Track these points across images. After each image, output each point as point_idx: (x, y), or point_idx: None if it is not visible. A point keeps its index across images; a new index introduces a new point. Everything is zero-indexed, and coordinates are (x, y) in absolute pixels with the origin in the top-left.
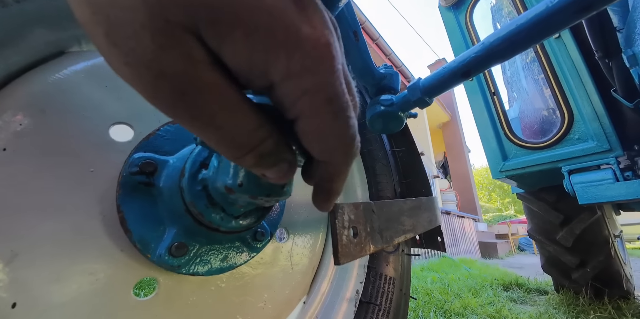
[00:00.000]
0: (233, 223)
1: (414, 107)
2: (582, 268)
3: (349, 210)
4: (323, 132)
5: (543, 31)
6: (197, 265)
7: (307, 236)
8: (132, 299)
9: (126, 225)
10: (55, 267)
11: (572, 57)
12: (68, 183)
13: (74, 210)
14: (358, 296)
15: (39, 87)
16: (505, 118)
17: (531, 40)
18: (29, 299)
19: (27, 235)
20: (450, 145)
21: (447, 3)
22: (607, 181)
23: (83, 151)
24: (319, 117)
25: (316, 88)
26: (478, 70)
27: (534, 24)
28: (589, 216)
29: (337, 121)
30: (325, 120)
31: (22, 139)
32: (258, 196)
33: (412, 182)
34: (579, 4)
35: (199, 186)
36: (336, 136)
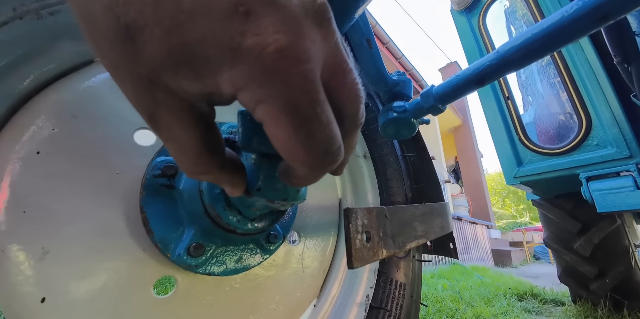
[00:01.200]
0: (249, 226)
1: (427, 113)
2: (601, 278)
3: (362, 214)
4: (284, 143)
5: (559, 40)
6: (213, 265)
7: (318, 239)
8: (152, 296)
9: (148, 226)
10: (82, 264)
11: (589, 60)
12: (96, 185)
13: (100, 211)
14: (368, 301)
15: (71, 93)
16: (520, 123)
17: (547, 49)
18: (57, 295)
19: (58, 233)
20: (462, 150)
21: (459, 7)
22: (627, 189)
23: (110, 154)
24: (277, 128)
25: (269, 98)
26: (492, 78)
27: (549, 33)
28: (608, 225)
29: (298, 133)
30: (283, 131)
31: (54, 143)
32: (275, 200)
33: (423, 187)
34: (595, 13)
35: (217, 190)
36: (298, 148)
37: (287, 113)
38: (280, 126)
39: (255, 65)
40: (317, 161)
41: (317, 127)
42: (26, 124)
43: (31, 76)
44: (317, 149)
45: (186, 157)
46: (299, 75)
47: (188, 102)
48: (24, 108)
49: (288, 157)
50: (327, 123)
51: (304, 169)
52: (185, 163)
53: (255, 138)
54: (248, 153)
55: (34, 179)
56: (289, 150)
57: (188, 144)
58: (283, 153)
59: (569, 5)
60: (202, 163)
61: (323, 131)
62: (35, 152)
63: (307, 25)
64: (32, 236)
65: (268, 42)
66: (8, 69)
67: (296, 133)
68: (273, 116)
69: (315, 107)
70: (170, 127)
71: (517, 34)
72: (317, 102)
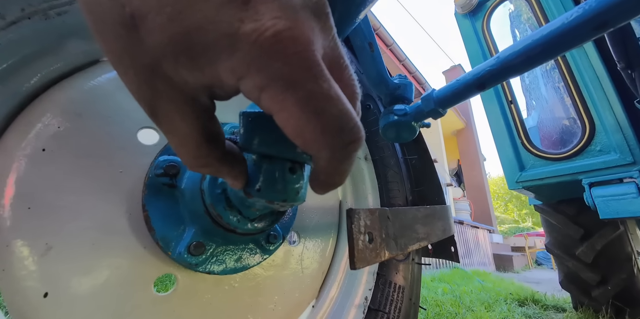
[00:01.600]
0: (249, 226)
1: (427, 117)
2: (603, 285)
3: (365, 215)
4: (296, 127)
5: (559, 47)
6: (213, 264)
7: (318, 240)
8: (153, 293)
9: (150, 224)
10: (84, 261)
11: (593, 66)
12: (100, 183)
13: (103, 208)
14: (367, 303)
15: (76, 92)
16: (523, 128)
17: (547, 55)
18: (59, 290)
19: (61, 230)
20: (465, 153)
21: (463, 10)
22: (630, 195)
23: (114, 153)
24: (284, 111)
25: (271, 82)
26: (493, 83)
27: (550, 40)
28: (611, 232)
29: (305, 111)
30: (291, 113)
31: (60, 141)
32: (274, 201)
33: (424, 190)
34: (595, 21)
35: (218, 190)
36: (311, 129)
37: (292, 93)
38: (287, 109)
39: (254, 50)
40: (335, 141)
41: (326, 101)
42: (33, 122)
43: (38, 75)
44: (332, 126)
45: (187, 150)
46: (298, 55)
47: (189, 94)
48: (31, 106)
49: (303, 143)
50: (337, 98)
51: (325, 153)
52: (185, 155)
53: (256, 139)
54: (249, 154)
55: (39, 176)
56: (302, 135)
57: (189, 136)
58: (298, 141)
59: (570, 12)
60: (202, 155)
61: (335, 106)
62: (41, 149)
63: (305, 14)
64: (37, 232)
65: (266, 26)
66: (16, 68)
67: (304, 112)
68: (278, 100)
69: (321, 82)
70: (171, 119)
71: (518, 40)
72: (321, 77)
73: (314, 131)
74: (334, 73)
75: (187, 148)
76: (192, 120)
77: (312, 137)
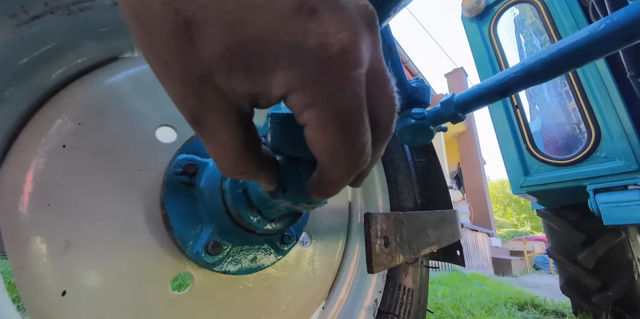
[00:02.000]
0: (268, 226)
1: (446, 121)
2: (604, 291)
3: (381, 219)
4: (329, 145)
5: (584, 57)
6: (229, 263)
7: (329, 242)
8: (169, 292)
9: (169, 222)
10: (103, 259)
11: (601, 73)
12: (119, 180)
13: (122, 206)
14: (377, 305)
15: (97, 89)
16: (528, 132)
17: (572, 65)
18: (77, 288)
19: (80, 227)
20: (465, 156)
21: (470, 14)
22: (635, 202)
23: (133, 150)
24: (324, 131)
25: (321, 102)
26: (515, 90)
27: (576, 49)
28: (613, 238)
29: (344, 137)
30: (331, 134)
31: (80, 137)
32: (300, 202)
33: (432, 194)
34: (623, 33)
35: (239, 190)
36: (341, 151)
37: (338, 118)
38: (328, 130)
39: (315, 66)
40: (355, 162)
41: (361, 131)
42: (53, 117)
43: (59, 70)
44: (358, 151)
45: (228, 158)
46: (353, 79)
47: (234, 103)
48: (51, 102)
49: (329, 159)
50: (367, 126)
51: (341, 171)
52: (226, 163)
53: (286, 142)
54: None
55: (59, 172)
56: (331, 153)
57: (230, 145)
58: (323, 156)
59: (597, 22)
60: (242, 163)
61: (365, 134)
62: (61, 145)
63: (363, 28)
64: (56, 229)
65: (332, 41)
66: (38, 62)
67: (342, 138)
68: (323, 120)
69: (362, 112)
70: (214, 129)
71: (543, 49)
72: (363, 106)
73: (343, 152)
74: (378, 86)
75: (228, 156)
76: (234, 129)
77: (338, 157)
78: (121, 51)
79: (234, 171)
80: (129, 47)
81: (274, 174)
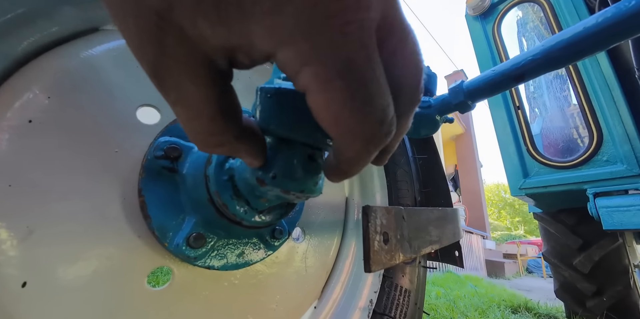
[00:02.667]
0: (256, 218)
1: (454, 110)
2: (598, 296)
3: (381, 214)
4: (337, 114)
5: (611, 38)
6: (213, 258)
7: (323, 238)
8: (145, 288)
9: (146, 210)
10: (70, 248)
11: (605, 75)
12: (91, 162)
13: (95, 190)
14: (372, 306)
15: (72, 61)
16: (529, 134)
17: (597, 47)
18: (40, 280)
19: (45, 212)
20: (463, 158)
21: (474, 12)
22: (635, 207)
23: (109, 130)
24: (328, 94)
25: (319, 57)
26: (533, 74)
27: (603, 29)
28: (609, 243)
29: (354, 99)
30: (337, 98)
31: (49, 113)
32: (291, 191)
33: (432, 192)
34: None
35: (225, 176)
36: (354, 118)
37: (343, 75)
38: (332, 92)
39: (307, 10)
40: (374, 133)
41: (376, 91)
42: (20, 90)
43: (30, 38)
44: (375, 118)
45: (199, 124)
46: (357, 25)
47: (206, 55)
48: (19, 73)
49: (340, 132)
50: (385, 87)
51: (358, 144)
52: (197, 131)
53: (276, 119)
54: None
55: (24, 150)
56: (342, 122)
57: (201, 108)
58: (333, 129)
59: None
60: (217, 132)
61: (382, 96)
62: (27, 120)
63: None
64: (17, 213)
65: None
66: (6, 28)
67: (352, 100)
68: (324, 80)
69: (375, 67)
70: (179, 85)
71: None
72: (375, 60)
73: (356, 121)
74: (396, 39)
75: (199, 122)
76: (206, 87)
77: (352, 127)
78: (102, 22)
79: (207, 142)
80: (109, 19)
81: (257, 147)
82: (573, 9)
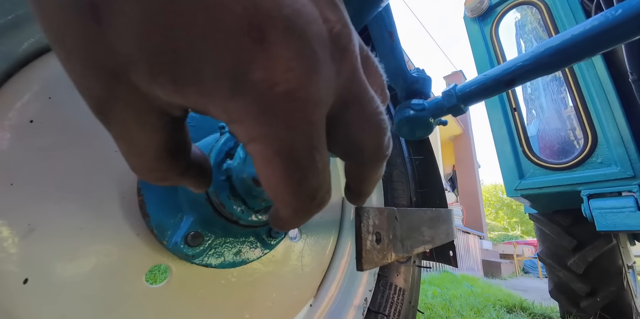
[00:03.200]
0: (252, 217)
1: (447, 113)
2: (592, 297)
3: (373, 214)
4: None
5: (599, 45)
6: (210, 256)
7: (319, 237)
8: (144, 285)
9: (145, 209)
10: (70, 246)
11: (600, 78)
12: (91, 161)
13: (95, 189)
14: (366, 304)
15: None
16: (525, 136)
17: (585, 53)
18: (41, 276)
19: (46, 210)
20: (461, 159)
21: (473, 14)
22: (628, 209)
23: None
24: (267, 169)
25: (264, 138)
26: (523, 80)
27: (590, 37)
28: (603, 244)
29: (289, 179)
30: (274, 174)
31: (50, 112)
32: None
33: (427, 192)
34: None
35: (222, 176)
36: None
37: (283, 159)
38: (271, 168)
39: (257, 102)
40: (303, 207)
41: (311, 174)
42: (21, 90)
43: (31, 39)
44: (306, 195)
45: (141, 161)
46: (304, 119)
47: (157, 106)
48: (21, 73)
49: (273, 198)
50: (322, 170)
51: (288, 212)
52: (138, 168)
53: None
54: None
55: (25, 150)
56: (275, 193)
57: (146, 148)
58: (269, 192)
59: (614, 7)
60: (160, 169)
61: (316, 178)
62: (28, 120)
63: (324, 59)
64: (19, 211)
65: (277, 80)
66: (7, 29)
67: (288, 179)
68: (266, 157)
69: (315, 154)
70: (125, 127)
71: (555, 36)
72: (317, 148)
73: (288, 195)
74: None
75: (141, 160)
76: (155, 132)
77: (283, 199)
78: None
79: (149, 177)
80: None
81: (202, 180)
82: (570, 12)
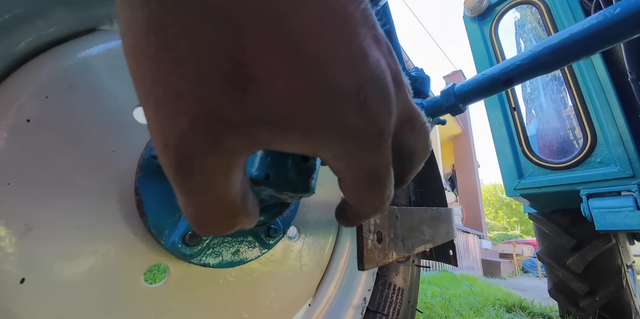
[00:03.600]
0: None
1: (446, 113)
2: (591, 296)
3: None
4: (359, 198)
5: (598, 44)
6: (208, 256)
7: (318, 237)
8: (142, 285)
9: (143, 209)
10: (68, 245)
11: (600, 78)
12: (89, 161)
13: (92, 189)
14: (365, 304)
15: (69, 61)
16: (525, 135)
17: (584, 52)
18: (38, 276)
19: (44, 210)
20: (460, 158)
21: (472, 13)
22: (627, 208)
23: (107, 129)
24: (358, 187)
25: (358, 167)
26: (521, 79)
27: (590, 35)
28: (602, 244)
29: (375, 191)
30: (364, 190)
31: (47, 112)
32: (284, 190)
33: (427, 191)
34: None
35: None
36: (371, 200)
37: (373, 177)
38: (364, 186)
39: (358, 142)
40: (382, 206)
41: (388, 184)
42: (18, 89)
43: (29, 38)
44: (384, 198)
45: (219, 210)
46: (384, 147)
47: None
48: (18, 72)
49: (361, 206)
50: (392, 179)
51: (371, 212)
52: (214, 218)
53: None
54: None
55: (22, 149)
56: (362, 202)
57: (225, 196)
58: (356, 203)
59: (613, 6)
60: (233, 214)
61: (390, 185)
62: (25, 119)
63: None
64: (16, 210)
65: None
66: (4, 28)
67: (374, 192)
68: (359, 178)
69: (390, 170)
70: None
71: (553, 35)
72: (390, 164)
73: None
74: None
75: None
76: (235, 177)
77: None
78: (99, 22)
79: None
80: (108, 19)
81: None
82: (569, 11)
